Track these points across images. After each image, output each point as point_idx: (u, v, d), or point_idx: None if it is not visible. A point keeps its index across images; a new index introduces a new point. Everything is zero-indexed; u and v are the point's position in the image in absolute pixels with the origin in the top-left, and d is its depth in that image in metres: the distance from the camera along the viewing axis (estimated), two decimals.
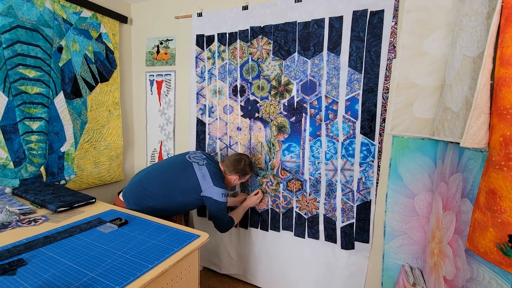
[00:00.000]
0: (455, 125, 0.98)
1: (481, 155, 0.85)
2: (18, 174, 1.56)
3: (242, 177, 1.63)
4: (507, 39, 0.71)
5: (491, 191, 0.74)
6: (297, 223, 1.72)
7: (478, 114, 0.76)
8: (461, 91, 0.97)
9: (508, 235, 0.70)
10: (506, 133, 0.71)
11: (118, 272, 0.80)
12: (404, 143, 1.37)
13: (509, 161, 0.70)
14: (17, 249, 0.90)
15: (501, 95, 0.72)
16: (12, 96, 1.52)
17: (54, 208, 1.22)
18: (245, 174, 1.62)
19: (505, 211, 0.71)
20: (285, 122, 1.68)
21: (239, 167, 1.58)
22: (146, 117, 2.24)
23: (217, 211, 1.48)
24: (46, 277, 0.77)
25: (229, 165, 1.60)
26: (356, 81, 1.48)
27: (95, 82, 1.96)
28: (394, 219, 1.44)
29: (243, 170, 1.60)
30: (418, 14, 1.28)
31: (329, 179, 1.59)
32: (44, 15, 1.63)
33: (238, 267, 1.97)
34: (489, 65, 0.75)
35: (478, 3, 0.91)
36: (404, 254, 1.43)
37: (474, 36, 0.91)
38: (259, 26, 1.68)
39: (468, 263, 0.86)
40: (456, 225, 0.97)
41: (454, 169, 1.05)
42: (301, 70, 1.60)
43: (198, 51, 1.90)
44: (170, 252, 0.91)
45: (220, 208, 1.48)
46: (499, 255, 0.73)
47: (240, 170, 1.59)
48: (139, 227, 1.10)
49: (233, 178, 1.61)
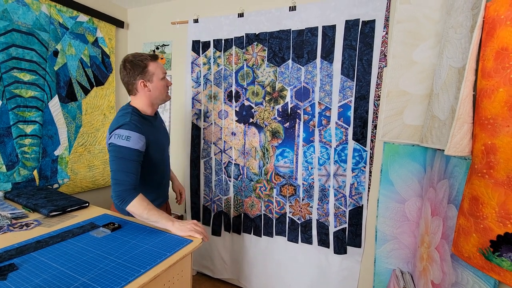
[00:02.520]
0: (442, 132, 1.01)
1: (465, 163, 0.88)
2: (10, 178, 1.55)
3: (144, 74, 1.15)
4: (488, 52, 0.75)
5: (474, 197, 0.77)
6: (290, 228, 1.74)
7: (461, 123, 0.79)
8: (447, 100, 1.00)
9: (489, 241, 0.73)
10: (487, 142, 0.74)
11: (110, 277, 0.80)
12: (395, 149, 1.40)
13: (490, 169, 0.73)
14: (8, 254, 0.90)
15: (483, 106, 0.75)
16: (6, 100, 1.51)
17: (47, 213, 1.22)
18: (142, 67, 1.15)
19: (487, 217, 0.73)
20: (279, 127, 1.70)
21: (127, 70, 1.15)
22: None
23: (111, 160, 1.07)
24: (37, 282, 0.77)
25: (125, 83, 1.18)
26: (348, 88, 1.51)
27: (90, 86, 1.97)
28: (385, 224, 1.46)
29: (134, 66, 1.14)
30: (408, 24, 1.32)
31: (322, 184, 1.62)
32: (40, 19, 1.64)
33: (232, 271, 1.97)
34: (471, 77, 0.79)
35: (463, 17, 0.95)
36: (395, 259, 1.46)
37: (459, 48, 0.95)
38: (254, 33, 1.71)
39: (453, 267, 0.89)
40: (443, 230, 1.00)
41: (442, 176, 1.08)
42: (295, 76, 1.63)
43: (194, 56, 1.93)
44: (163, 257, 0.92)
45: (115, 155, 1.05)
46: (482, 260, 0.75)
47: (130, 71, 1.14)
48: (132, 231, 1.10)
49: (140, 83, 1.15)
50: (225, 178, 1.90)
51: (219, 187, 1.93)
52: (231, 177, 1.87)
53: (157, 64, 1.20)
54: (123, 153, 1.05)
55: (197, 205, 2.03)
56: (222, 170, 1.90)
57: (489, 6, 0.77)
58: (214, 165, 1.93)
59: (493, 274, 0.74)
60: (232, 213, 1.90)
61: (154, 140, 1.19)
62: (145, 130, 1.13)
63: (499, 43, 0.73)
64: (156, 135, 1.23)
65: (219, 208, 1.94)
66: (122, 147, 1.05)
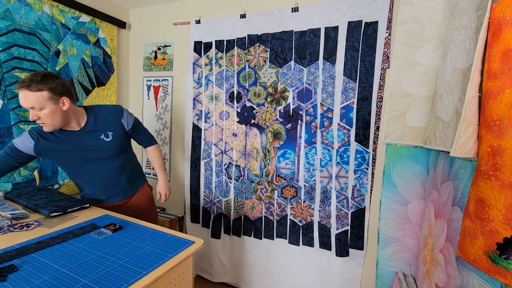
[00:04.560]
0: (446, 134, 1.01)
1: (471, 165, 0.87)
2: (10, 178, 1.54)
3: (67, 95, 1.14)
4: (494, 53, 0.74)
5: (480, 200, 0.76)
6: (291, 231, 1.73)
7: (467, 125, 0.78)
8: (451, 101, 1.00)
9: (496, 243, 0.72)
10: (493, 143, 0.73)
11: (111, 278, 0.79)
12: (397, 151, 1.40)
13: (496, 171, 0.72)
14: (8, 255, 0.89)
15: (489, 107, 0.75)
16: (7, 99, 1.51)
17: (47, 213, 1.21)
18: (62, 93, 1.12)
19: (493, 220, 0.73)
20: (281, 128, 1.69)
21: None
22: (143, 122, 2.24)
23: None
24: (38, 284, 0.76)
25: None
26: (351, 89, 1.51)
27: (91, 86, 1.96)
28: (387, 226, 1.45)
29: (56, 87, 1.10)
30: (410, 26, 1.32)
31: (324, 186, 1.61)
32: (42, 19, 1.64)
33: (231, 275, 1.95)
34: (477, 78, 0.78)
35: (467, 18, 0.94)
36: (397, 261, 1.45)
37: (463, 49, 0.94)
38: (257, 34, 1.71)
39: (458, 270, 0.88)
40: (447, 232, 0.99)
41: (445, 178, 1.07)
42: (297, 78, 1.63)
43: (195, 57, 1.92)
44: (165, 259, 0.91)
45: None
46: (488, 263, 0.74)
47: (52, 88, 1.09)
48: (133, 232, 1.09)
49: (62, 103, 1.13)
50: (226, 180, 1.89)
51: (220, 189, 1.92)
52: (231, 178, 1.86)
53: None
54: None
55: (197, 207, 2.02)
56: (223, 171, 1.89)
57: (494, 7, 0.76)
58: (214, 166, 1.92)
59: (500, 277, 0.73)
60: (232, 215, 1.89)
61: (59, 150, 1.23)
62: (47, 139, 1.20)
63: (505, 44, 0.73)
64: (66, 147, 1.24)
65: (219, 210, 1.93)
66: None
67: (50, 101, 1.09)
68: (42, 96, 1.07)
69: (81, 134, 1.24)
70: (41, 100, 1.07)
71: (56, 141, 1.22)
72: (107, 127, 1.28)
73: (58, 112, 1.12)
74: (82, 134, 1.24)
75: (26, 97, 1.06)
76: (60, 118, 1.14)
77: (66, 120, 1.17)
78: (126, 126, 1.34)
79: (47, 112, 1.09)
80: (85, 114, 1.26)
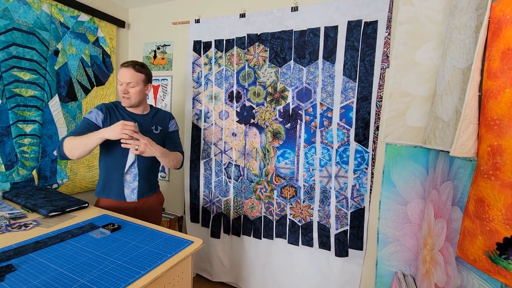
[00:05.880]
0: (446, 134, 1.00)
1: (470, 164, 0.87)
2: (9, 178, 1.54)
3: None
4: (494, 52, 0.74)
5: (480, 199, 0.76)
6: (291, 231, 1.72)
7: (466, 124, 0.78)
8: (451, 101, 1.00)
9: (496, 243, 0.72)
10: (493, 143, 0.73)
11: (109, 278, 0.79)
12: (397, 150, 1.40)
13: (496, 171, 0.72)
14: (6, 255, 0.88)
15: (489, 107, 0.74)
16: (6, 99, 1.50)
17: (46, 213, 1.20)
18: None
19: (493, 219, 0.72)
20: (280, 128, 1.69)
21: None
22: None
23: None
24: (36, 284, 0.76)
25: None
26: (350, 89, 1.51)
27: (91, 85, 1.96)
28: (387, 226, 1.45)
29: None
30: (410, 25, 1.31)
31: (323, 186, 1.61)
32: (41, 18, 1.63)
33: (231, 275, 1.95)
34: (477, 78, 0.78)
35: (467, 17, 0.94)
36: (397, 261, 1.44)
37: (463, 49, 0.94)
38: (256, 33, 1.71)
39: (458, 270, 0.87)
40: (447, 232, 0.99)
41: (445, 177, 1.07)
42: (297, 77, 1.62)
43: (195, 56, 1.92)
44: (163, 258, 0.90)
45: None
46: (488, 263, 0.74)
47: None
48: (132, 232, 1.09)
49: None
50: (225, 179, 1.88)
51: (219, 189, 1.91)
52: (231, 178, 1.86)
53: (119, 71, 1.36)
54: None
55: (196, 207, 2.01)
56: (222, 171, 1.89)
57: (494, 6, 0.76)
58: (214, 166, 1.92)
59: (500, 277, 0.72)
60: (232, 215, 1.89)
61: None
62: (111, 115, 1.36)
63: (505, 43, 0.73)
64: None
65: (219, 210, 1.93)
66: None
67: (143, 83, 1.36)
68: (140, 77, 1.34)
69: (142, 118, 1.43)
70: (138, 80, 1.33)
71: (120, 118, 1.37)
72: (160, 122, 1.49)
73: (142, 93, 1.38)
74: (142, 118, 1.44)
75: (130, 73, 1.31)
76: (140, 98, 1.37)
77: (141, 102, 1.40)
78: (169, 128, 1.54)
79: (137, 89, 1.34)
80: (149, 106, 1.50)
